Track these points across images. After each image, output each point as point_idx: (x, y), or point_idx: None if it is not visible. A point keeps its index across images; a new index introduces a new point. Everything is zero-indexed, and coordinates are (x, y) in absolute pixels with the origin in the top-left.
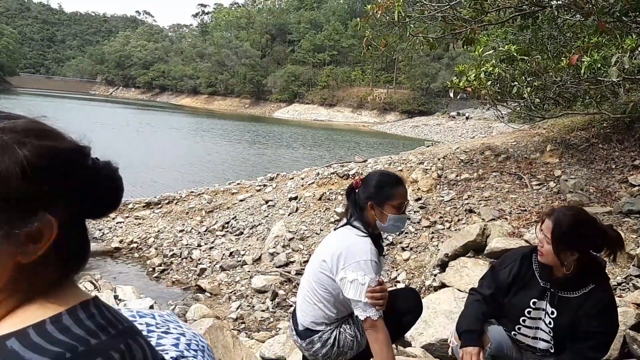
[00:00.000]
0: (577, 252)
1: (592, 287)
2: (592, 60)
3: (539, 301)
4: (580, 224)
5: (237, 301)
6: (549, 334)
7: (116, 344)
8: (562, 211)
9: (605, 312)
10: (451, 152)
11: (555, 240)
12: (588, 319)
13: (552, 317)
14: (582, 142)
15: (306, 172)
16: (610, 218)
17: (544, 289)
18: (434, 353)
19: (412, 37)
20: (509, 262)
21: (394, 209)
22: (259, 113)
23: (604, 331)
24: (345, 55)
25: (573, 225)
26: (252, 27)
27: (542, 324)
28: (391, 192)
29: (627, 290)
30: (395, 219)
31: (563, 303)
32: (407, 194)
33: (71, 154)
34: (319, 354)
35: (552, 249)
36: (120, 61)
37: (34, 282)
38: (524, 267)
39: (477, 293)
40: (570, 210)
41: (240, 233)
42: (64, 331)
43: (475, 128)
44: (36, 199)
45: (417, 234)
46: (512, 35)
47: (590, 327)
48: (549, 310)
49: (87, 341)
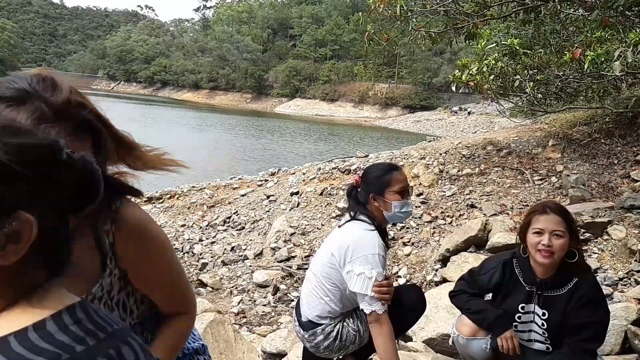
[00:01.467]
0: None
1: (576, 281)
2: (595, 54)
3: (527, 305)
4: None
5: (238, 296)
6: (543, 334)
7: (104, 349)
8: (551, 204)
9: (594, 302)
10: (453, 147)
11: (570, 229)
12: (577, 312)
13: (544, 319)
14: (584, 137)
15: (307, 168)
16: (612, 213)
17: (531, 292)
18: (435, 348)
19: (414, 32)
20: (489, 269)
21: (396, 195)
22: (260, 108)
23: (595, 321)
24: (347, 50)
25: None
26: (254, 22)
27: (535, 327)
28: (387, 178)
29: (628, 285)
30: (400, 205)
31: (551, 302)
32: (406, 179)
33: (44, 150)
34: (321, 346)
35: (566, 241)
36: (122, 56)
37: (15, 286)
38: (507, 274)
39: (463, 292)
40: (554, 202)
41: (241, 228)
42: (48, 338)
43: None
44: (11, 198)
45: (419, 229)
46: (514, 29)
47: (581, 319)
48: (539, 312)
49: (72, 348)
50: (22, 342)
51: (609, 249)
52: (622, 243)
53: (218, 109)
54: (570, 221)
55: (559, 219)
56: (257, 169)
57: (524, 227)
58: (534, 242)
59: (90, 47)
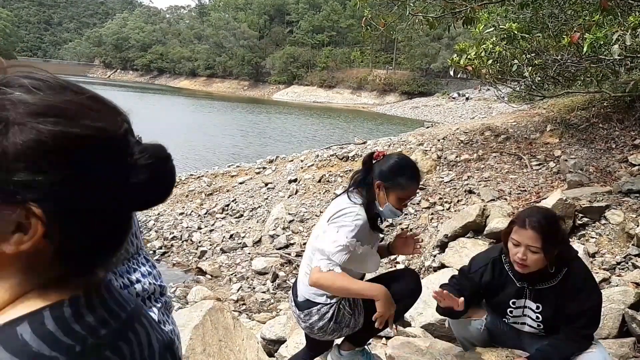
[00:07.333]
0: (560, 246)
1: (566, 271)
2: (594, 37)
3: (518, 300)
4: (556, 221)
5: (237, 283)
6: (538, 327)
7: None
8: (534, 216)
9: (586, 289)
10: (451, 133)
11: (546, 247)
12: (571, 301)
13: (537, 312)
14: (582, 122)
15: (305, 155)
16: (610, 198)
17: (522, 288)
18: (433, 333)
19: (412, 17)
20: (478, 267)
21: (397, 201)
22: (258, 95)
23: (589, 307)
24: (344, 36)
25: (553, 224)
26: (250, 8)
27: (528, 320)
28: (405, 183)
29: (626, 269)
30: (392, 212)
31: (544, 295)
32: (416, 193)
33: (87, 141)
34: (315, 326)
35: (541, 257)
36: (118, 43)
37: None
38: (496, 271)
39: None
40: (539, 212)
41: (240, 215)
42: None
43: (475, 109)
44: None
45: (417, 215)
46: (512, 13)
47: (577, 308)
48: (532, 306)
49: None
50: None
51: (607, 234)
52: (619, 227)
53: (215, 97)
54: (550, 236)
55: (536, 236)
56: (255, 156)
57: (505, 233)
58: (512, 252)
59: (86, 35)
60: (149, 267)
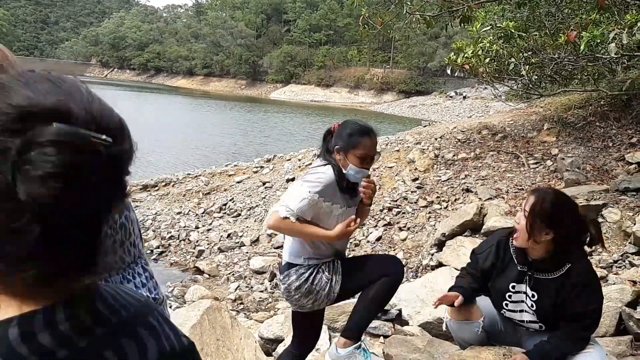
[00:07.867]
0: (551, 230)
1: (569, 267)
2: (591, 36)
3: (517, 285)
4: (559, 204)
5: (235, 282)
6: (533, 315)
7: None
8: (545, 189)
9: (587, 290)
10: (448, 132)
11: (531, 214)
12: (572, 301)
13: (533, 300)
14: (579, 121)
15: (303, 154)
16: (607, 196)
17: (522, 273)
18: (431, 331)
19: (409, 15)
20: (486, 248)
21: (356, 159)
22: (255, 94)
23: (591, 309)
24: (342, 34)
25: (552, 202)
26: (247, 7)
27: (525, 306)
28: (356, 140)
29: (623, 267)
30: (355, 171)
31: (542, 285)
32: (374, 148)
33: None
34: (292, 286)
35: (525, 229)
36: (115, 43)
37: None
38: (500, 252)
39: (463, 270)
40: (554, 191)
41: (237, 215)
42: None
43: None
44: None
45: (415, 213)
46: (509, 12)
47: (577, 309)
48: (529, 293)
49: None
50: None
51: (604, 232)
52: (616, 225)
53: (213, 96)
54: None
55: (533, 202)
56: (253, 155)
57: None
58: None
59: (82, 34)
60: (145, 278)
